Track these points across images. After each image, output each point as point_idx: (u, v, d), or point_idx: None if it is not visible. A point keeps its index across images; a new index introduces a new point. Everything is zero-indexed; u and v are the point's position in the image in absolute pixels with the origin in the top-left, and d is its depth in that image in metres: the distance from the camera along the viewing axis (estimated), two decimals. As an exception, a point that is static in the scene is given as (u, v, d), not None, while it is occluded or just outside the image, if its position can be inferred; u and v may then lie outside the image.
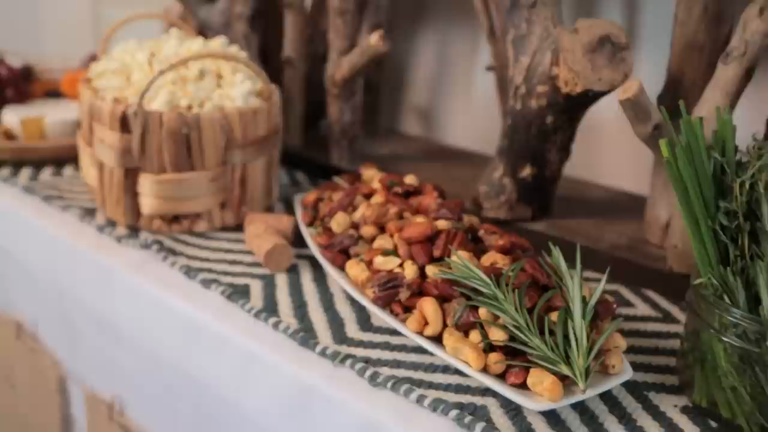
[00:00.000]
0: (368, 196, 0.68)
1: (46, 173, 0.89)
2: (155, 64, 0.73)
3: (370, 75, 0.97)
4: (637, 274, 0.67)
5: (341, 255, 0.62)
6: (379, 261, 0.58)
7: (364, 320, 0.59)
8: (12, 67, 0.95)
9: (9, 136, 0.90)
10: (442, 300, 0.54)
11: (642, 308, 0.64)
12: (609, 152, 0.87)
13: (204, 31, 0.97)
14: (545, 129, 0.68)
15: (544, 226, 0.74)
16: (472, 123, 1.01)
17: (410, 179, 0.70)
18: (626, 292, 0.66)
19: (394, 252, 0.59)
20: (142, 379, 0.73)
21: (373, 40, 0.74)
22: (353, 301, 0.62)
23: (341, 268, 0.62)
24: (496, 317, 0.51)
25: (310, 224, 0.70)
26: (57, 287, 0.80)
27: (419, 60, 1.05)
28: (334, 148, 0.88)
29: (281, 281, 0.65)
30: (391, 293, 0.55)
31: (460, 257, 0.54)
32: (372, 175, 0.74)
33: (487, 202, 0.74)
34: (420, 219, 0.60)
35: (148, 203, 0.72)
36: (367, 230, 0.62)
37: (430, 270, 0.56)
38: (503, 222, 0.73)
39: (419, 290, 0.56)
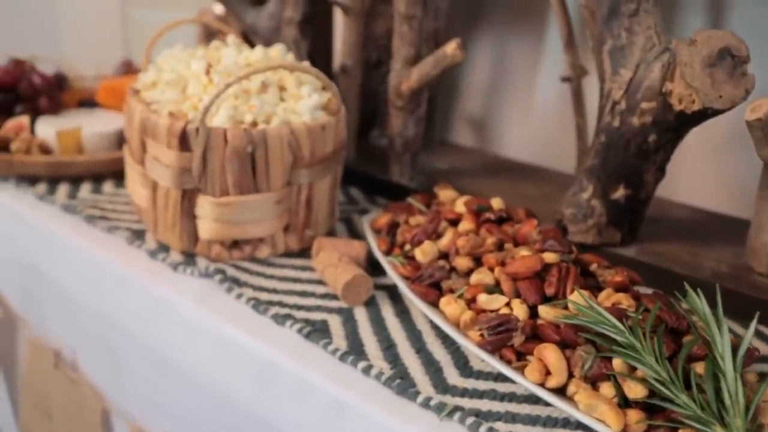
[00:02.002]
0: (454, 222, 0.62)
1: (85, 190, 0.82)
2: (214, 75, 0.66)
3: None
4: (746, 307, 0.61)
5: (433, 289, 0.57)
6: (484, 299, 0.52)
7: (462, 364, 0.54)
8: (45, 75, 0.88)
9: (44, 149, 0.84)
10: (563, 346, 0.48)
11: (762, 347, 0.58)
12: (687, 168, 0.81)
13: (249, 36, 0.90)
14: (646, 148, 0.62)
15: (635, 251, 0.68)
16: (530, 135, 0.95)
17: (497, 203, 0.64)
18: (738, 329, 0.61)
19: (498, 289, 0.53)
20: (200, 419, 0.67)
21: (449, 49, 0.68)
22: (445, 340, 0.56)
23: (433, 304, 0.56)
24: (632, 368, 0.45)
25: (388, 252, 0.64)
26: (101, 315, 0.74)
27: (474, 67, 0.99)
28: (395, 163, 0.82)
29: (361, 316, 0.59)
30: (503, 338, 0.49)
31: (583, 297, 0.48)
32: (449, 196, 0.69)
33: (573, 226, 0.68)
34: (524, 251, 0.54)
35: (207, 227, 0.65)
36: (462, 262, 0.56)
37: (544, 311, 0.50)
38: (589, 247, 0.68)
39: (532, 333, 0.50)
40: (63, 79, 0.92)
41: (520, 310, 0.51)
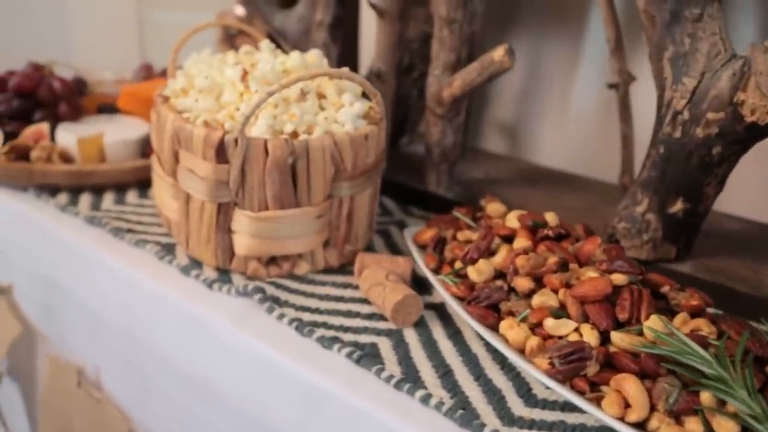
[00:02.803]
0: (507, 239, 0.59)
1: (108, 200, 0.79)
2: (251, 82, 0.63)
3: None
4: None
5: (491, 312, 0.53)
6: (551, 325, 0.49)
7: (525, 392, 0.50)
8: (65, 80, 0.85)
9: (65, 157, 0.81)
10: (641, 376, 0.45)
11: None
12: (739, 179, 0.78)
13: (276, 39, 0.87)
14: (709, 160, 0.59)
15: (690, 267, 0.65)
16: (566, 142, 0.91)
17: (551, 218, 0.60)
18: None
19: (564, 313, 0.50)
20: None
21: (497, 54, 0.65)
22: (504, 365, 0.53)
23: (492, 327, 0.53)
24: (720, 402, 0.42)
25: (437, 270, 0.61)
26: (128, 332, 0.70)
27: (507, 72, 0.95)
28: (431, 172, 0.78)
29: (411, 338, 0.56)
30: (576, 367, 0.46)
31: (665, 323, 0.45)
32: (497, 209, 0.65)
33: (626, 241, 0.65)
34: (591, 272, 0.51)
35: (244, 243, 0.62)
36: (522, 283, 0.53)
37: (617, 338, 0.47)
38: (643, 263, 0.64)
39: (605, 362, 0.47)
40: (83, 84, 0.89)
41: (590, 337, 0.48)
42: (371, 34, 1.04)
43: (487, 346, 0.55)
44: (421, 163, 0.85)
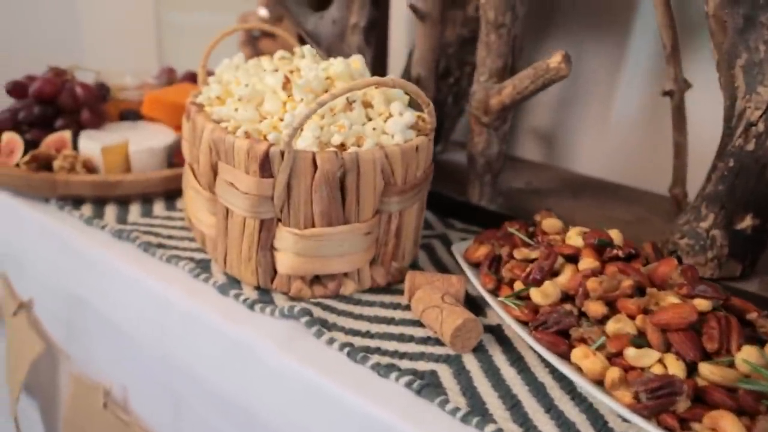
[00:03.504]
0: (571, 258, 0.55)
1: (135, 212, 0.75)
2: (295, 91, 0.59)
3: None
4: None
5: (561, 339, 0.50)
6: (633, 355, 0.45)
7: (601, 425, 0.47)
8: (88, 85, 0.81)
9: (88, 167, 0.77)
10: (738, 413, 0.41)
11: None
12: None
13: (308, 42, 0.84)
14: (783, 174, 0.56)
15: (758, 286, 0.62)
16: (606, 150, 0.88)
17: (616, 235, 0.57)
18: None
19: (644, 341, 0.46)
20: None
21: (553, 61, 0.61)
22: (574, 395, 0.49)
23: (563, 356, 0.49)
24: (832, 445, 0.39)
25: (495, 291, 0.57)
26: (159, 353, 0.67)
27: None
28: (474, 183, 0.75)
29: (472, 365, 0.52)
30: (665, 402, 0.42)
31: (763, 355, 0.41)
32: (553, 225, 0.62)
33: (689, 258, 0.62)
34: (671, 298, 0.47)
35: (287, 262, 0.59)
36: (595, 308, 0.49)
37: (707, 370, 0.43)
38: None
39: (695, 397, 0.43)
40: (105, 89, 0.85)
41: (676, 368, 0.44)
42: (400, 37, 1.01)
43: (554, 373, 0.52)
44: (459, 172, 0.81)
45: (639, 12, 0.82)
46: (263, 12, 1.03)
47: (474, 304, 0.60)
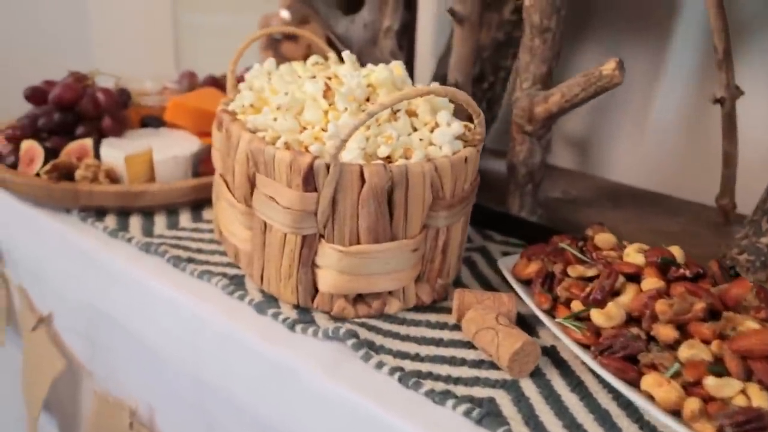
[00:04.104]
0: (632, 277, 0.53)
1: (160, 224, 0.72)
2: (338, 100, 0.56)
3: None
4: None
5: (630, 365, 0.47)
6: (713, 384, 0.42)
7: (677, 458, 0.44)
8: (109, 90, 0.78)
9: (111, 176, 0.74)
10: (834, 451, 0.38)
11: None
12: None
13: (338, 46, 0.81)
14: None
15: (820, 303, 0.59)
16: (643, 158, 0.85)
17: (677, 252, 0.54)
18: None
19: (721, 368, 0.44)
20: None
21: (607, 68, 0.59)
22: (642, 424, 0.46)
23: (632, 383, 0.47)
24: None
25: (551, 311, 0.54)
26: (190, 373, 0.64)
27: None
28: (515, 193, 0.72)
29: (531, 391, 0.50)
30: (754, 438, 0.39)
31: None
32: (607, 240, 0.59)
33: (749, 275, 0.59)
34: (750, 322, 0.45)
35: (330, 280, 0.56)
36: (665, 332, 0.47)
37: (796, 401, 0.40)
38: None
39: (784, 430, 0.40)
40: (126, 95, 0.82)
41: (760, 400, 0.41)
42: (426, 41, 0.98)
43: (619, 400, 0.49)
44: (496, 181, 0.78)
45: (681, 14, 0.79)
46: (285, 14, 1.00)
47: (524, 324, 0.58)
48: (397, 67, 0.62)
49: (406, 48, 0.82)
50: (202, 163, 0.76)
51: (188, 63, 1.16)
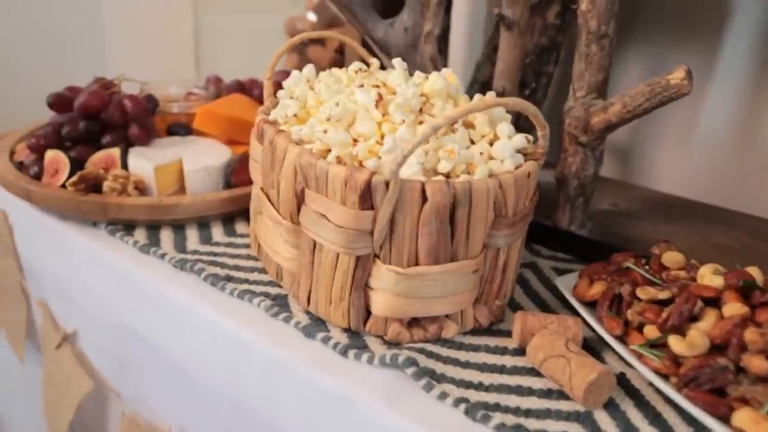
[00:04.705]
0: (711, 301, 0.49)
1: (193, 239, 0.69)
2: (394, 111, 0.53)
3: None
4: None
5: (720, 399, 0.44)
6: (820, 424, 0.39)
7: (775, 502, 0.41)
8: (137, 97, 0.75)
9: (140, 188, 0.70)
10: None
11: None
12: None
13: (376, 51, 0.77)
14: None
15: None
16: (690, 168, 0.82)
17: (756, 273, 0.51)
18: None
19: (826, 405, 0.40)
20: None
21: (675, 77, 0.55)
22: (732, 463, 0.43)
23: (723, 418, 0.43)
24: None
25: (622, 337, 0.51)
26: (229, 397, 0.60)
27: (620, 88, 0.86)
28: (564, 207, 0.69)
29: (608, 425, 0.46)
30: None
31: None
32: (675, 260, 0.56)
33: (824, 296, 0.56)
34: None
35: (385, 303, 0.52)
36: (758, 363, 0.43)
37: None
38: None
39: None
40: (154, 102, 0.79)
41: None
42: (461, 47, 0.95)
43: (703, 435, 0.46)
44: (542, 193, 0.75)
45: (733, 16, 0.76)
46: (312, 16, 0.97)
47: (589, 349, 0.54)
48: (451, 75, 0.58)
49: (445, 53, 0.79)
50: (234, 174, 0.73)
51: (209, 66, 1.12)
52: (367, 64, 0.66)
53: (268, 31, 1.00)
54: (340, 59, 0.96)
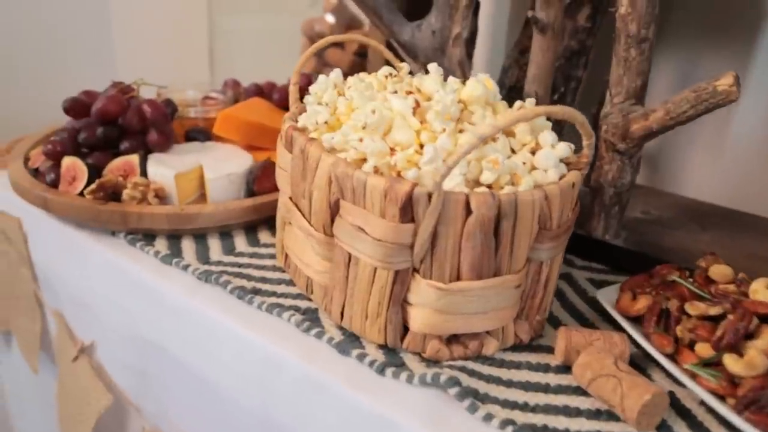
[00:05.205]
0: (764, 318, 0.47)
1: (216, 249, 0.67)
2: (433, 119, 0.51)
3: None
4: None
5: (785, 423, 0.42)
6: None
7: None
8: (156, 102, 0.72)
9: (160, 196, 0.68)
10: None
11: None
12: None
13: (401, 54, 0.75)
14: None
15: None
16: (722, 174, 0.80)
17: (812, 288, 0.49)
18: None
19: None
20: None
21: (723, 83, 0.53)
22: (797, 490, 0.42)
23: (789, 444, 0.41)
24: None
25: (673, 355, 0.49)
26: (258, 415, 0.58)
27: (649, 93, 0.84)
28: (599, 216, 0.67)
29: (663, 449, 0.44)
30: None
31: None
32: (723, 273, 0.54)
33: None
34: None
35: (425, 319, 0.50)
36: (824, 386, 0.41)
37: None
38: None
39: None
40: (173, 107, 0.76)
41: None
42: (484, 49, 0.93)
43: (763, 460, 0.44)
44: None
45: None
46: (330, 18, 0.95)
47: (634, 367, 0.52)
48: (488, 80, 0.56)
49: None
50: (256, 181, 0.71)
51: (223, 68, 1.10)
52: (396, 69, 0.64)
53: (284, 33, 0.98)
54: (359, 62, 0.94)
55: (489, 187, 0.49)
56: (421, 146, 0.51)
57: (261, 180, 0.71)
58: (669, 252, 0.66)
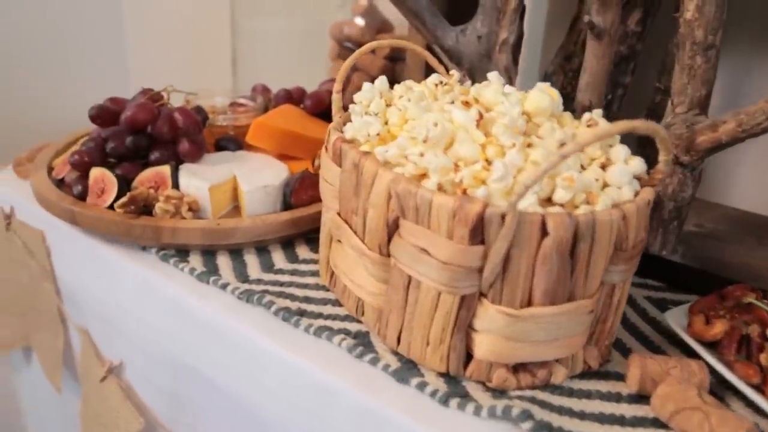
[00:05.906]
0: None
1: (254, 266, 0.63)
2: (501, 133, 0.48)
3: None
4: None
5: None
6: None
7: None
8: (187, 110, 0.69)
9: (194, 209, 0.65)
10: None
11: None
12: None
13: (443, 60, 0.72)
14: None
15: None
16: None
17: None
18: None
19: None
20: None
21: (804, 95, 0.50)
22: None
23: None
24: None
25: (761, 386, 0.46)
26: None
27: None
28: (657, 231, 0.63)
29: (757, 490, 0.41)
30: None
31: None
32: (803, 296, 0.51)
33: None
34: None
35: (492, 347, 0.47)
36: None
37: None
38: None
39: None
40: (204, 114, 0.73)
41: None
42: (526, 55, 0.89)
43: None
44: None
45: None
46: (360, 21, 0.91)
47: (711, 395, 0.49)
48: (552, 91, 0.53)
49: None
50: (294, 194, 0.67)
51: (246, 72, 1.06)
52: (445, 77, 0.60)
53: (308, 36, 0.94)
54: (390, 66, 0.90)
55: (562, 206, 0.46)
56: (488, 162, 0.47)
57: (298, 192, 0.68)
58: (729, 268, 0.63)
